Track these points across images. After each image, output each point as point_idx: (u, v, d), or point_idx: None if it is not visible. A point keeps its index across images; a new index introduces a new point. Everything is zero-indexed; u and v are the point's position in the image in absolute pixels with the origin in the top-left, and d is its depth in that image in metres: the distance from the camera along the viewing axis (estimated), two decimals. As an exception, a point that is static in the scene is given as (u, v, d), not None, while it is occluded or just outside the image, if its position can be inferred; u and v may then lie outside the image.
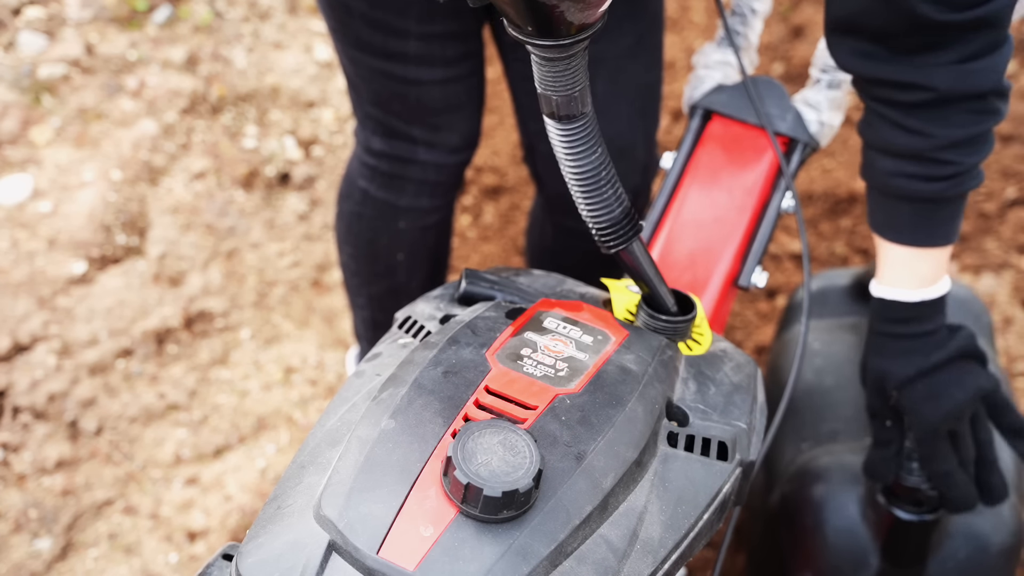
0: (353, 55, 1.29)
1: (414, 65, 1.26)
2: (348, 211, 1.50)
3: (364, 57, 1.28)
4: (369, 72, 1.30)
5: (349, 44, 1.27)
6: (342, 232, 1.55)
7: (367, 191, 1.45)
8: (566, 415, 0.73)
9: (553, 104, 0.74)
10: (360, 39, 1.25)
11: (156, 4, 2.47)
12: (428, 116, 1.34)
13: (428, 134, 1.36)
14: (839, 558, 1.19)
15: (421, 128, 1.35)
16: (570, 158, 0.77)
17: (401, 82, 1.28)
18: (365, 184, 1.45)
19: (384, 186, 1.43)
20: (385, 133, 1.37)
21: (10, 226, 2.02)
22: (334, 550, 0.66)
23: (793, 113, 1.13)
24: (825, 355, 1.39)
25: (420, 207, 1.45)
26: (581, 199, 0.79)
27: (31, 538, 1.68)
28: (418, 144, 1.37)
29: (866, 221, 2.25)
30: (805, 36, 2.59)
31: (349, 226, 1.52)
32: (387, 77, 1.29)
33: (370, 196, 1.45)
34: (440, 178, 1.42)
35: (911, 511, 1.10)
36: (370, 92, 1.33)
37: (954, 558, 1.15)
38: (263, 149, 2.29)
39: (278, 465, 1.81)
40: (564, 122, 0.75)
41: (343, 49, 1.30)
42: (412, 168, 1.40)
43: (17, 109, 2.20)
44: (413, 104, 1.31)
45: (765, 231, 1.10)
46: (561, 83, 0.72)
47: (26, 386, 1.82)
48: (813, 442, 1.30)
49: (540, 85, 0.73)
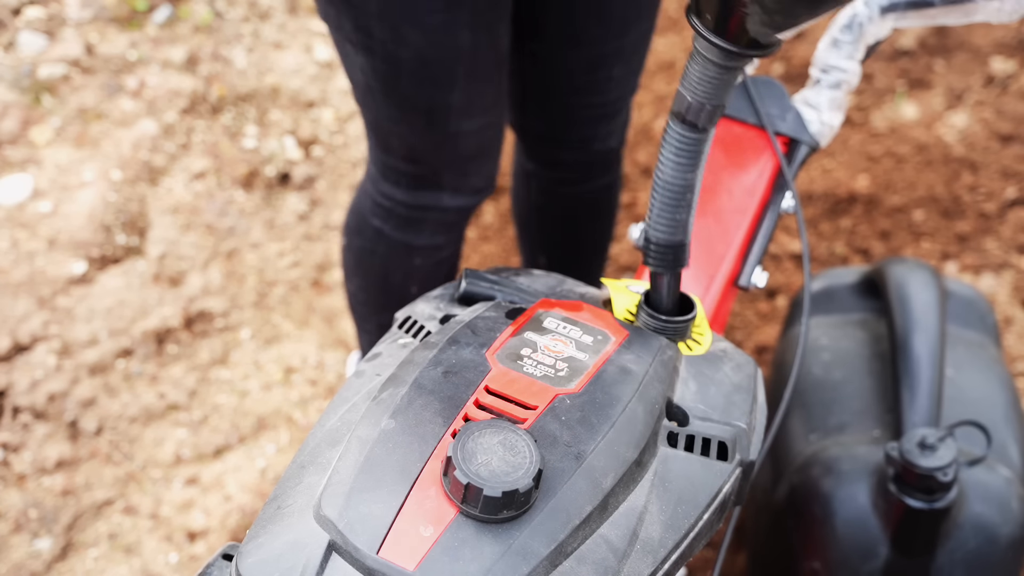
0: (393, 115, 1.25)
1: (456, 117, 1.24)
2: (359, 246, 1.47)
3: (406, 115, 1.24)
4: (408, 129, 1.26)
5: (392, 104, 1.24)
6: (350, 264, 1.51)
7: (381, 230, 1.41)
8: (566, 415, 0.73)
9: (686, 106, 0.74)
10: (405, 97, 1.22)
11: (156, 4, 2.47)
12: (460, 164, 1.32)
13: (456, 180, 1.34)
14: (848, 548, 1.19)
15: (451, 175, 1.33)
16: (673, 165, 0.77)
17: (440, 135, 1.26)
18: (379, 224, 1.41)
19: (400, 227, 1.40)
20: (410, 185, 1.34)
21: (10, 226, 2.02)
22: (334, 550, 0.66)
23: (793, 113, 1.13)
24: (833, 350, 1.40)
25: (436, 244, 1.43)
26: (658, 208, 0.79)
27: (31, 538, 1.68)
28: (444, 190, 1.35)
29: (866, 221, 2.26)
30: (805, 36, 2.59)
31: (360, 261, 1.48)
32: (426, 132, 1.26)
33: (385, 235, 1.42)
34: (459, 218, 1.41)
35: (922, 499, 1.11)
36: (404, 147, 1.30)
37: (962, 549, 1.16)
38: (263, 149, 2.29)
39: (278, 465, 1.81)
40: (688, 128, 0.75)
41: (382, 110, 1.26)
42: (433, 212, 1.38)
43: (17, 109, 2.20)
44: (448, 155, 1.30)
45: (765, 231, 1.10)
46: (707, 90, 0.72)
47: (26, 386, 1.82)
48: (822, 434, 1.31)
49: (686, 83, 0.73)
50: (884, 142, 2.39)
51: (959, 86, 2.47)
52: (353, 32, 1.18)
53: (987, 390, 1.34)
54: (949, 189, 2.27)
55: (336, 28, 1.21)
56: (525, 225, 1.74)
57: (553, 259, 1.74)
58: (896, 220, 2.24)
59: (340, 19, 1.18)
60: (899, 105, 2.46)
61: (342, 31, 1.20)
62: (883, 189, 2.29)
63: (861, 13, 1.07)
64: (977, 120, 2.39)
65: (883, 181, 2.31)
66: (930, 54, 2.55)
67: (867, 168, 2.34)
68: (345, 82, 2.48)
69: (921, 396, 1.22)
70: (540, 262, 1.75)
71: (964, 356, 1.38)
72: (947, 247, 2.19)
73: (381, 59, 1.18)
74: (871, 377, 1.35)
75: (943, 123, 2.41)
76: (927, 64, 2.53)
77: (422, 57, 1.17)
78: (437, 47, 1.16)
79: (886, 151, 2.37)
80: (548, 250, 1.74)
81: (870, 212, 2.27)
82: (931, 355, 1.24)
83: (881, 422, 1.29)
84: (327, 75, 2.49)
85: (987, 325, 1.45)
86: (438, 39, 1.16)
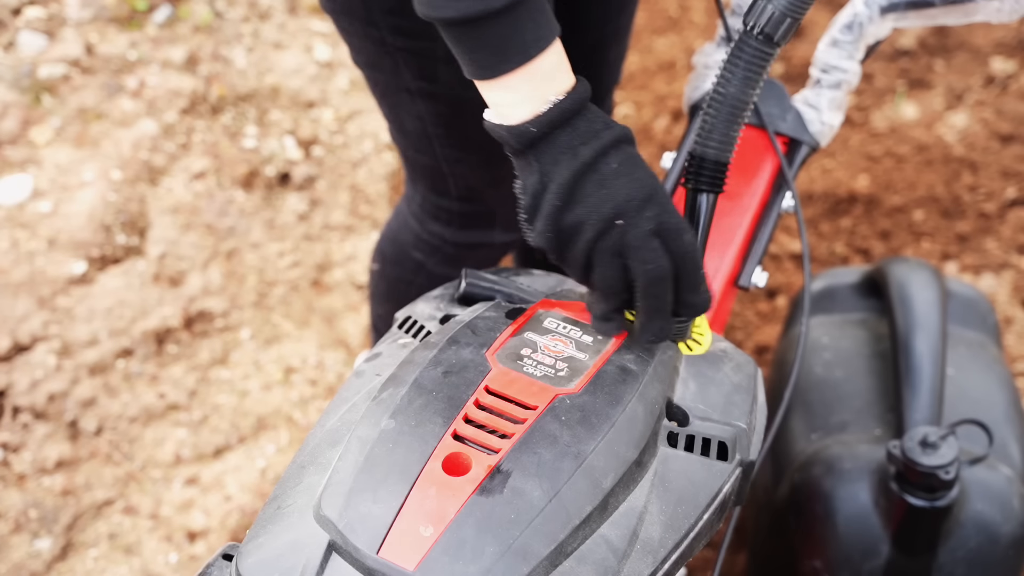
0: (453, 156, 1.23)
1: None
2: (395, 276, 1.45)
3: (467, 156, 1.23)
4: (468, 170, 1.25)
5: (453, 146, 1.22)
6: (381, 290, 1.49)
7: (423, 264, 1.40)
8: (566, 415, 0.73)
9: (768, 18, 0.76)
10: (468, 138, 1.20)
11: (156, 4, 2.47)
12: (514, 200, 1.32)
13: (509, 215, 1.31)
14: (849, 546, 1.19)
15: (505, 211, 1.31)
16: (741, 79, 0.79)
17: (500, 170, 1.24)
18: (422, 258, 1.39)
19: (444, 262, 1.39)
20: (462, 225, 1.33)
21: (10, 226, 2.02)
22: (334, 550, 0.66)
23: (793, 113, 1.13)
24: (834, 349, 1.40)
25: None
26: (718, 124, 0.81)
27: (31, 538, 1.68)
28: (495, 228, 1.34)
29: (866, 221, 2.26)
30: (805, 36, 2.59)
31: (393, 289, 1.46)
32: (486, 169, 1.24)
33: (426, 269, 1.40)
34: (504, 253, 1.40)
35: (923, 497, 1.11)
36: (461, 189, 1.28)
37: (964, 547, 1.16)
38: (263, 149, 2.29)
39: (278, 465, 1.81)
40: (763, 42, 0.77)
41: (441, 154, 1.24)
42: (482, 249, 1.37)
43: (17, 109, 2.20)
44: (506, 191, 1.29)
45: (765, 231, 1.10)
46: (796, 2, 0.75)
47: (26, 386, 1.82)
48: (823, 433, 1.31)
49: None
50: (884, 142, 2.39)
51: (959, 86, 2.47)
52: (414, 80, 1.15)
53: (988, 389, 1.34)
54: (949, 189, 2.27)
55: (389, 79, 1.17)
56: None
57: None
58: (896, 220, 2.24)
59: (399, 69, 1.15)
60: (899, 105, 2.46)
61: (398, 81, 1.16)
62: (883, 189, 2.29)
63: (861, 13, 1.07)
64: (977, 120, 2.39)
65: (883, 181, 2.31)
66: (930, 54, 2.55)
67: (867, 168, 2.34)
68: (345, 82, 2.48)
69: (922, 395, 1.22)
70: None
71: (965, 356, 1.38)
72: (947, 247, 2.19)
73: (445, 103, 1.16)
74: (872, 376, 1.35)
75: (943, 123, 2.40)
76: (927, 64, 2.53)
77: None
78: None
79: (886, 151, 2.37)
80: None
81: (870, 212, 2.27)
82: (932, 354, 1.24)
83: (882, 421, 1.29)
84: (327, 75, 2.49)
85: (988, 325, 1.45)
86: None
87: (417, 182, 1.33)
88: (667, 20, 2.69)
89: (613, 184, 0.77)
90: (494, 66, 0.77)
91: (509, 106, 0.78)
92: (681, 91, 2.47)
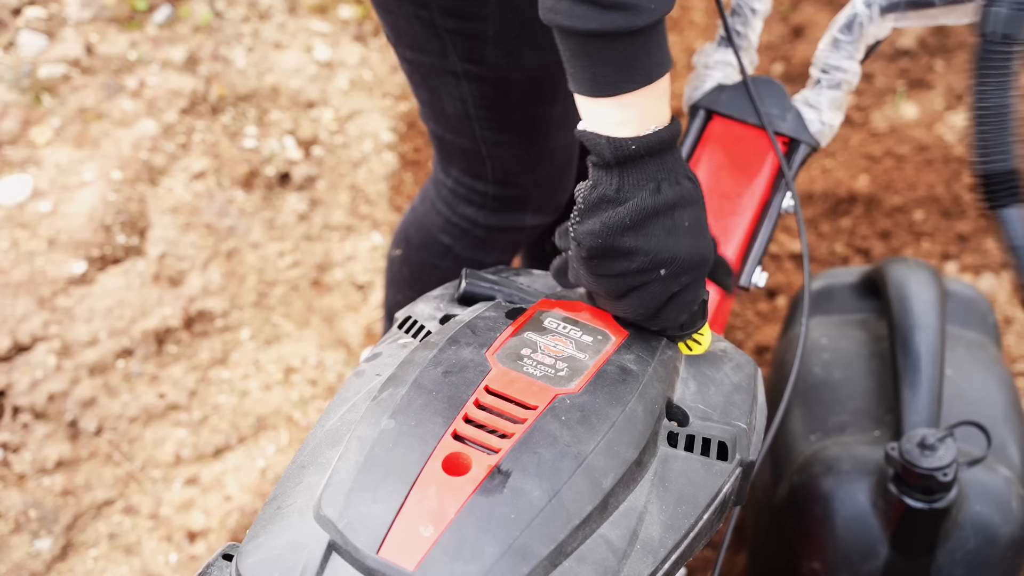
0: (492, 138, 1.24)
1: (555, 132, 1.24)
2: (420, 261, 1.45)
3: (508, 137, 1.24)
4: (507, 152, 1.26)
5: (494, 128, 1.23)
6: (404, 276, 1.49)
7: (451, 248, 1.40)
8: (566, 415, 0.73)
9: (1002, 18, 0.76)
10: (509, 120, 1.21)
11: (156, 4, 2.47)
12: (551, 181, 1.32)
13: (543, 198, 1.33)
14: (848, 548, 1.19)
15: (539, 194, 1.32)
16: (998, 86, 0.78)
17: (538, 153, 1.26)
18: (450, 241, 1.40)
19: (473, 246, 1.39)
20: (497, 208, 1.34)
21: (10, 226, 2.02)
22: (334, 550, 0.66)
23: (794, 113, 1.13)
24: (833, 350, 1.40)
25: (504, 261, 1.43)
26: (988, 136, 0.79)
27: (31, 538, 1.68)
28: (527, 211, 1.34)
29: (866, 221, 2.26)
30: (805, 36, 2.59)
31: (418, 274, 1.46)
32: (525, 151, 1.25)
33: (453, 252, 1.41)
34: (532, 236, 1.41)
35: (922, 499, 1.11)
36: (498, 172, 1.29)
37: (962, 549, 1.16)
38: (263, 149, 2.29)
39: (278, 465, 1.81)
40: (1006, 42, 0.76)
41: (481, 136, 1.24)
42: (512, 232, 1.38)
43: (17, 109, 2.20)
44: (542, 173, 1.30)
45: (765, 231, 1.10)
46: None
47: (26, 386, 1.82)
48: (822, 434, 1.31)
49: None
50: (884, 142, 2.39)
51: (959, 86, 2.47)
52: (461, 62, 1.16)
53: (987, 390, 1.34)
54: (949, 189, 2.28)
55: (435, 62, 1.18)
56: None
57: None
58: (896, 220, 2.24)
59: (446, 51, 1.15)
60: (899, 105, 2.46)
61: (444, 63, 1.17)
62: (883, 189, 2.29)
63: (861, 13, 1.07)
64: (977, 120, 2.39)
65: (883, 181, 2.31)
66: (930, 54, 2.55)
67: (867, 168, 2.34)
68: (345, 82, 2.48)
69: (921, 396, 1.22)
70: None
71: (964, 356, 1.38)
72: (947, 247, 2.19)
73: (491, 85, 1.17)
74: (871, 377, 1.35)
75: (943, 123, 2.41)
76: (927, 64, 2.54)
77: (533, 76, 1.17)
78: (548, 64, 1.15)
79: (886, 151, 2.37)
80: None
81: (870, 212, 2.27)
82: (931, 355, 1.24)
83: (881, 422, 1.29)
84: (327, 75, 2.49)
85: (987, 325, 1.45)
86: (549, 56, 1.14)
87: (451, 166, 1.34)
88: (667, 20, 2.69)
89: (679, 239, 0.79)
90: (617, 83, 0.77)
91: (615, 124, 0.79)
92: (681, 91, 2.47)
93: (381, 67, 2.55)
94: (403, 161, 2.40)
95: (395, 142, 2.43)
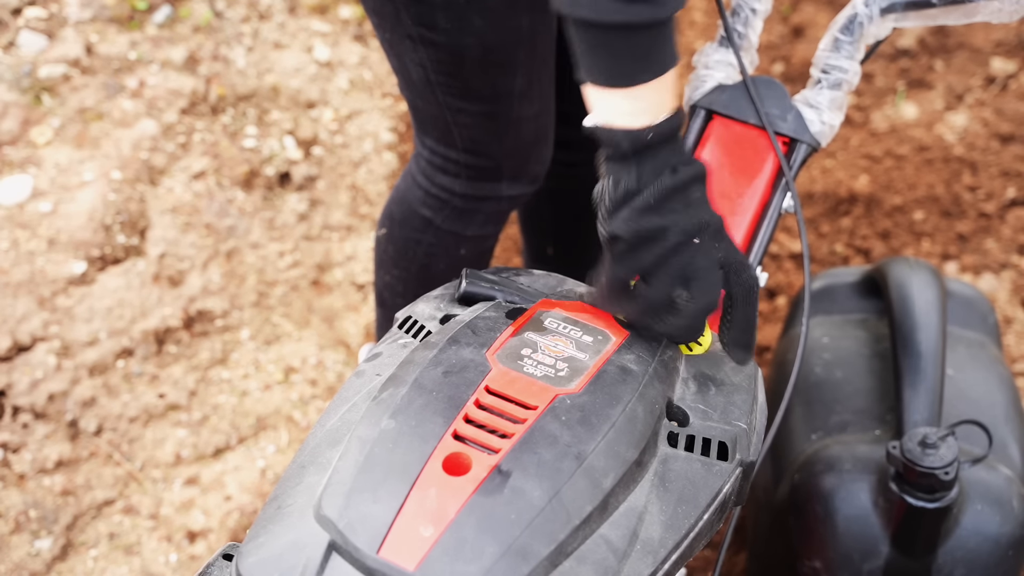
0: (455, 106, 1.26)
1: (518, 103, 1.25)
2: (403, 237, 1.46)
3: (469, 105, 1.25)
4: (471, 120, 1.27)
5: (455, 95, 1.24)
6: (390, 255, 1.50)
7: (431, 221, 1.41)
8: (566, 415, 0.73)
9: None
10: (469, 87, 1.23)
11: (156, 4, 2.47)
12: (521, 152, 1.32)
13: (516, 168, 1.34)
14: (849, 546, 1.20)
15: (511, 164, 1.33)
16: None
17: (504, 122, 1.27)
18: (430, 214, 1.41)
19: (452, 218, 1.40)
20: (471, 176, 1.35)
21: (10, 226, 2.02)
22: (334, 550, 0.66)
23: (794, 113, 1.13)
24: (834, 349, 1.40)
25: (484, 234, 1.43)
26: None
27: (31, 538, 1.68)
28: (503, 180, 1.35)
29: (866, 221, 2.26)
30: (805, 36, 2.59)
31: (403, 251, 1.47)
32: (489, 121, 1.27)
33: (434, 226, 1.42)
34: (512, 207, 1.41)
35: (923, 498, 1.11)
36: (465, 139, 1.30)
37: (963, 548, 1.16)
38: (263, 149, 2.29)
39: (278, 465, 1.81)
40: None
41: (444, 103, 1.27)
42: (489, 203, 1.38)
43: (17, 109, 2.20)
44: (510, 143, 1.30)
45: (766, 231, 1.10)
46: None
47: (26, 386, 1.82)
48: (823, 433, 1.31)
49: None
50: (884, 142, 2.39)
51: (959, 86, 2.47)
52: (414, 27, 1.18)
53: (988, 389, 1.34)
54: (949, 189, 2.28)
55: (392, 26, 1.21)
56: (533, 213, 1.73)
57: (562, 250, 1.72)
58: (896, 220, 2.24)
59: (399, 15, 1.18)
60: (899, 105, 2.46)
61: (400, 28, 1.20)
62: (883, 189, 2.29)
63: (861, 13, 1.07)
64: (977, 120, 2.39)
65: (883, 181, 2.31)
66: (930, 54, 2.55)
67: (867, 168, 2.34)
68: (345, 82, 2.48)
69: (922, 395, 1.22)
70: (548, 252, 1.74)
71: (965, 356, 1.38)
72: (947, 247, 2.19)
73: (446, 50, 1.19)
74: (872, 376, 1.35)
75: (943, 123, 2.40)
76: (927, 64, 2.53)
77: (485, 44, 1.18)
78: (500, 32, 1.17)
79: (886, 151, 2.37)
80: (558, 240, 1.72)
81: (870, 212, 2.27)
82: (932, 354, 1.24)
83: (882, 421, 1.30)
84: (327, 75, 2.49)
85: (987, 325, 1.45)
86: (500, 24, 1.17)
87: (425, 135, 1.36)
88: (667, 20, 2.69)
89: (697, 209, 0.82)
90: (633, 74, 0.79)
91: (628, 115, 0.81)
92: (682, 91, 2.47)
93: (381, 67, 2.55)
94: (403, 161, 2.40)
95: (395, 142, 2.43)
